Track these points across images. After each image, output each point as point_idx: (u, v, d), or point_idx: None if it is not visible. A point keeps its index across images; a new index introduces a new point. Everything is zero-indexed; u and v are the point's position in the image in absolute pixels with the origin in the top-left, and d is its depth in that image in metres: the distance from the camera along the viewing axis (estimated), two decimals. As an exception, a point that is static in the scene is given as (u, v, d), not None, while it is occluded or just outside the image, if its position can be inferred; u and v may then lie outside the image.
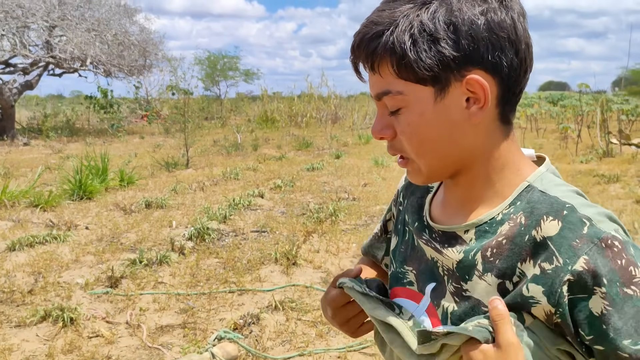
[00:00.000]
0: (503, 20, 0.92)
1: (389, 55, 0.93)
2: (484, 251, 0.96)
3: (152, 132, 21.53)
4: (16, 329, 4.17)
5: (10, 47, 19.14)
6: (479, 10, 0.91)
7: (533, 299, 0.89)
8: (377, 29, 0.93)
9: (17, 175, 10.68)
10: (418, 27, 0.91)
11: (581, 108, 15.83)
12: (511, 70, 0.93)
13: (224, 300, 4.72)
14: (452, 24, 0.90)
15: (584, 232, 0.87)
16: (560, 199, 0.93)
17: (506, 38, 0.92)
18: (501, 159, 1.00)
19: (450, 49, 0.90)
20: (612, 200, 8.07)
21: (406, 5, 0.93)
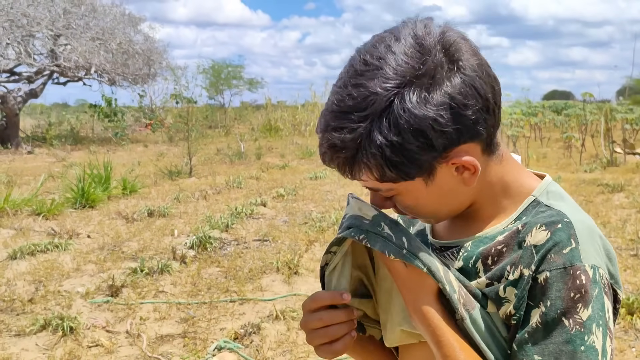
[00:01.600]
0: (465, 94, 0.89)
1: (367, 173, 0.93)
2: (484, 259, 0.98)
3: (155, 141, 21.56)
4: (16, 337, 4.15)
5: (15, 55, 19.23)
6: (443, 101, 0.87)
7: (505, 299, 0.93)
8: (345, 154, 0.91)
9: (20, 184, 10.70)
10: (389, 147, 0.88)
11: (585, 117, 15.80)
12: (488, 127, 0.93)
13: (224, 310, 4.70)
14: (419, 132, 0.87)
15: (564, 251, 0.89)
16: (563, 213, 0.94)
17: (475, 107, 0.90)
18: (501, 182, 1.02)
19: (428, 153, 0.90)
20: (616, 209, 8.03)
21: (365, 120, 0.88)
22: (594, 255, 0.90)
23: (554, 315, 0.88)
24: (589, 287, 0.87)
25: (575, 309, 0.87)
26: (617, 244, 6.24)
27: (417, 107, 0.86)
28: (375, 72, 0.88)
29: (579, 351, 0.86)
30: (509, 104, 24.20)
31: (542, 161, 13.89)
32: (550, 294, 0.88)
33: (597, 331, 0.87)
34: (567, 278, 0.88)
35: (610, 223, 7.16)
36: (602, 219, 7.37)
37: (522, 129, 14.99)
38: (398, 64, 0.87)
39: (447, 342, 0.92)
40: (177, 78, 24.21)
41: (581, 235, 0.90)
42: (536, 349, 0.89)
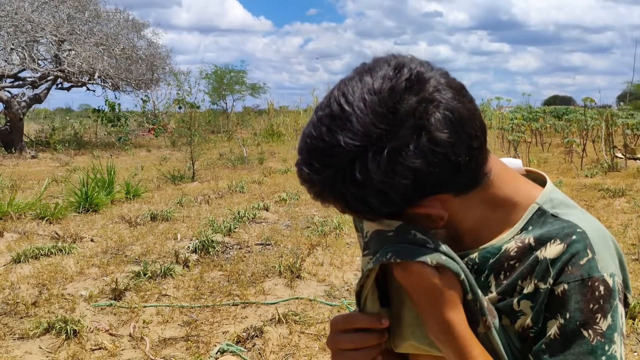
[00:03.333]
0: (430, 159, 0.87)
1: (336, 207, 0.95)
2: (497, 273, 0.99)
3: (158, 145, 21.61)
4: (19, 341, 4.18)
5: (19, 61, 19.32)
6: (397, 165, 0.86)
7: (520, 312, 0.94)
8: (314, 189, 0.93)
9: (24, 188, 10.74)
10: (350, 196, 0.90)
11: (586, 122, 15.82)
12: (457, 182, 0.92)
13: (227, 313, 4.73)
14: (378, 191, 0.88)
15: (581, 262, 0.90)
16: (574, 223, 0.94)
17: (440, 171, 0.88)
18: (494, 202, 1.00)
19: (388, 207, 0.91)
20: (617, 214, 8.05)
21: (329, 168, 0.88)
22: (610, 263, 0.92)
23: (573, 327, 0.89)
24: (608, 298, 0.89)
25: (595, 319, 0.88)
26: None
27: (376, 171, 0.86)
28: (346, 123, 0.86)
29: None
30: (509, 109, 24.23)
31: (543, 166, 13.89)
32: (570, 306, 0.89)
33: (618, 340, 0.89)
34: (585, 290, 0.89)
35: (612, 228, 7.17)
36: (604, 224, 7.24)
37: (523, 134, 15.01)
38: (365, 123, 0.85)
39: (473, 355, 0.91)
40: (180, 83, 24.35)
41: (596, 245, 0.91)
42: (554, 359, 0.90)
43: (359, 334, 0.99)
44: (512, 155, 14.80)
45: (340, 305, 4.81)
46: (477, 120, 0.92)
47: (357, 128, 0.85)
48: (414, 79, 0.87)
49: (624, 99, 22.16)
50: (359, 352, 0.98)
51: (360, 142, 0.85)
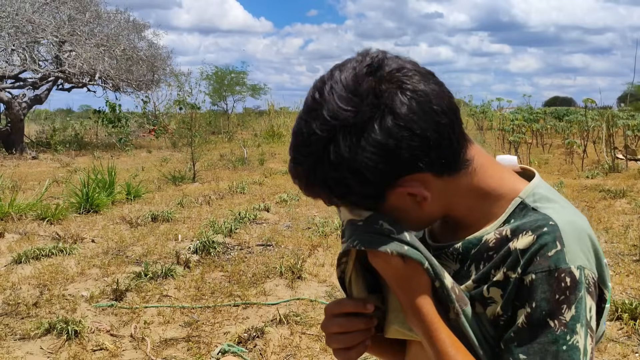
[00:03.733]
0: (397, 135, 0.92)
1: (322, 199, 1.01)
2: (477, 263, 1.02)
3: (159, 146, 21.62)
4: (20, 341, 4.18)
5: (20, 61, 19.34)
6: (373, 140, 0.91)
7: (491, 300, 0.97)
8: (301, 180, 1.00)
9: (25, 189, 10.75)
10: (330, 180, 0.95)
11: (587, 123, 15.81)
12: (430, 160, 0.95)
13: (228, 314, 4.73)
14: (353, 169, 0.93)
15: (549, 254, 0.92)
16: (549, 216, 0.96)
17: (408, 147, 0.92)
18: (478, 192, 1.03)
19: (366, 187, 0.95)
20: (618, 215, 8.04)
21: (309, 156, 0.95)
22: (580, 256, 0.93)
23: (539, 317, 0.91)
24: (573, 289, 0.91)
25: (560, 310, 0.90)
26: (620, 249, 6.26)
27: (348, 151, 0.92)
28: (318, 112, 0.94)
29: (562, 350, 0.90)
30: (510, 110, 24.22)
31: (544, 167, 13.89)
32: (536, 295, 0.91)
33: (581, 331, 0.90)
34: (552, 280, 0.91)
35: (613, 229, 7.17)
36: (605, 225, 7.38)
37: (524, 135, 15.01)
38: (335, 109, 0.92)
39: (440, 338, 0.96)
40: (181, 84, 24.26)
41: (567, 237, 0.93)
42: (522, 349, 0.92)
43: (348, 318, 1.04)
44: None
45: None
46: (444, 99, 0.96)
47: (327, 115, 0.92)
48: (374, 64, 0.95)
49: (625, 100, 22.16)
50: (347, 335, 1.04)
51: (330, 126, 0.92)
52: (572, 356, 0.90)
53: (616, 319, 4.44)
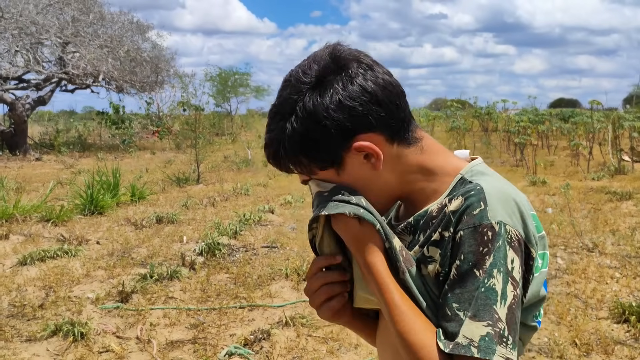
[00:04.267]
0: (352, 91, 1.10)
1: (292, 163, 1.16)
2: (423, 231, 1.14)
3: (163, 148, 21.63)
4: (27, 343, 4.17)
5: (24, 63, 19.38)
6: (333, 97, 1.10)
7: (431, 258, 1.09)
8: (272, 148, 1.17)
9: (29, 190, 10.75)
10: (298, 137, 1.11)
11: (593, 125, 15.77)
12: (382, 119, 1.12)
13: (234, 316, 4.71)
14: (317, 120, 1.10)
15: (474, 212, 1.04)
16: (478, 183, 1.09)
17: (363, 102, 1.11)
18: (426, 169, 1.18)
19: (328, 138, 1.10)
20: (624, 217, 8.01)
21: (281, 120, 1.13)
22: (501, 213, 1.04)
23: (467, 267, 1.02)
24: (494, 240, 1.02)
25: (484, 260, 1.01)
26: (627, 252, 6.23)
27: (312, 104, 1.10)
28: (288, 84, 1.15)
29: (480, 292, 1.00)
30: (515, 112, 24.15)
31: (550, 169, 13.85)
32: (464, 249, 1.03)
33: (498, 276, 1.01)
34: (476, 235, 1.03)
35: (619, 231, 7.14)
36: (611, 227, 7.35)
37: (530, 137, 14.96)
38: (300, 78, 1.12)
39: (388, 289, 1.08)
40: (185, 85, 24.29)
41: (490, 198, 1.05)
42: (454, 298, 1.03)
43: (324, 272, 1.20)
44: (518, 159, 14.78)
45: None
46: (391, 78, 1.16)
47: (295, 82, 1.13)
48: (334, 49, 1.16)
49: (630, 102, 22.09)
50: (326, 287, 1.19)
51: (298, 89, 1.11)
52: (488, 296, 1.00)
53: (623, 322, 4.41)
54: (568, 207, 8.31)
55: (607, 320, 4.51)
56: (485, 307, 0.99)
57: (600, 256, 6.11)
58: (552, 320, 4.53)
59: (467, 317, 1.00)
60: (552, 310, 4.70)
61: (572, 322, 4.44)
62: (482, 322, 0.99)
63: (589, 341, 4.11)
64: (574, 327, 4.34)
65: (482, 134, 22.56)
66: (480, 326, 0.99)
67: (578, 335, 4.19)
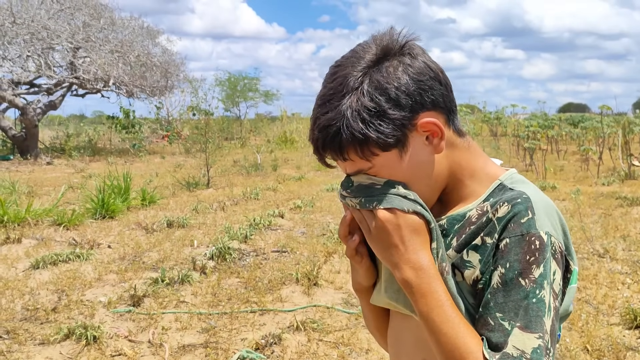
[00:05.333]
0: (419, 67, 1.09)
1: (353, 145, 1.08)
2: (459, 236, 1.12)
3: (173, 152, 21.72)
4: (40, 346, 4.20)
5: (35, 68, 19.49)
6: (400, 70, 1.07)
7: (469, 263, 1.08)
8: (332, 130, 1.08)
9: (41, 194, 10.81)
10: (365, 111, 1.06)
11: (602, 130, 15.72)
12: (444, 97, 1.11)
13: (245, 320, 4.73)
14: (386, 93, 1.06)
15: (522, 221, 1.03)
16: (523, 191, 1.08)
17: (428, 78, 1.09)
18: (469, 167, 1.17)
19: (397, 112, 1.06)
20: (635, 222, 7.98)
21: (343, 98, 1.07)
22: (548, 224, 1.03)
23: (512, 276, 1.01)
24: (541, 251, 1.01)
25: (530, 269, 1.00)
26: (637, 257, 6.21)
27: (381, 78, 1.07)
28: (346, 65, 1.10)
29: (532, 303, 0.99)
30: (524, 117, 24.09)
31: (560, 174, 13.82)
32: (509, 257, 1.02)
33: (547, 287, 1.00)
34: (523, 243, 1.01)
35: (630, 236, 7.11)
36: (622, 233, 7.32)
37: (539, 142, 14.93)
38: (362, 56, 1.10)
39: (434, 289, 1.06)
40: (194, 90, 24.40)
41: (537, 208, 1.04)
42: (497, 307, 1.01)
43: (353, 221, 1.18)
44: (527, 163, 14.74)
45: (357, 313, 4.78)
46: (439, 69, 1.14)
47: (358, 62, 1.09)
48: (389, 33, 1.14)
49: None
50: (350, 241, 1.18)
51: (363, 67, 1.08)
52: (540, 307, 0.99)
53: (635, 328, 4.40)
54: (578, 213, 8.29)
55: (618, 326, 4.50)
56: (537, 319, 0.98)
57: (611, 262, 6.10)
58: (564, 326, 4.52)
59: (516, 327, 0.98)
60: (563, 315, 4.69)
61: (584, 328, 4.44)
62: (535, 334, 0.98)
63: (600, 347, 4.10)
64: (585, 333, 4.34)
65: (491, 139, 22.53)
66: (532, 338, 0.98)
67: (589, 341, 4.18)
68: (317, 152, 1.13)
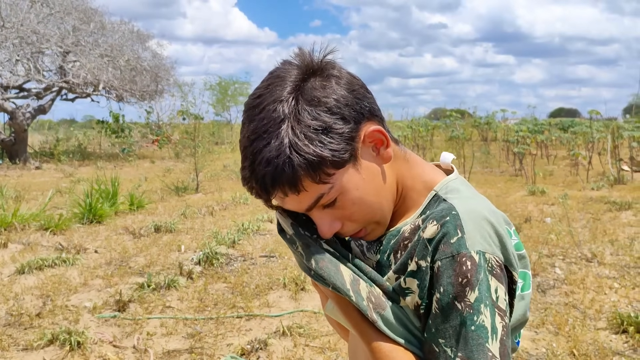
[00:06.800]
0: (347, 78, 1.06)
1: (307, 171, 1.00)
2: (395, 252, 1.10)
3: (162, 157, 21.64)
4: (23, 352, 4.15)
5: (24, 72, 19.41)
6: (333, 83, 1.03)
7: (409, 290, 1.04)
8: (281, 160, 0.99)
9: (29, 199, 10.74)
10: (311, 131, 0.99)
11: (592, 135, 15.79)
12: (373, 105, 1.09)
13: (231, 325, 4.69)
14: (327, 108, 1.01)
15: (452, 241, 0.98)
16: (453, 205, 1.03)
17: (359, 87, 1.07)
18: (410, 176, 1.15)
19: (343, 125, 1.02)
20: (624, 227, 8.00)
21: (282, 123, 1.00)
22: (479, 241, 0.98)
23: (447, 300, 0.96)
24: (474, 272, 0.96)
25: (464, 292, 0.95)
26: (625, 262, 6.22)
27: (317, 94, 1.02)
28: (269, 92, 1.03)
29: (470, 331, 0.94)
30: (515, 122, 24.17)
31: (549, 179, 13.85)
32: (443, 280, 0.97)
33: (485, 311, 0.95)
34: (455, 265, 0.96)
35: (618, 241, 7.13)
36: (610, 237, 7.34)
37: (529, 147, 14.98)
38: (287, 80, 1.04)
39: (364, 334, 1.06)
40: (184, 94, 24.37)
41: (467, 225, 0.99)
42: (439, 333, 0.97)
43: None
44: (517, 168, 14.78)
45: (345, 318, 4.75)
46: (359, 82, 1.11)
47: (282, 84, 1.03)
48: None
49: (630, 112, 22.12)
50: None
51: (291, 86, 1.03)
52: (480, 334, 0.94)
53: (622, 332, 4.40)
54: (567, 217, 8.31)
55: (605, 330, 4.49)
56: (478, 347, 0.94)
57: (599, 266, 6.10)
58: (550, 330, 4.52)
59: (458, 357, 0.95)
60: (550, 320, 4.69)
61: (570, 333, 4.43)
62: None
63: (587, 352, 4.09)
64: (572, 338, 4.33)
65: (482, 144, 22.59)
66: None
67: (576, 345, 4.18)
68: (263, 192, 1.03)
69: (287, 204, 1.07)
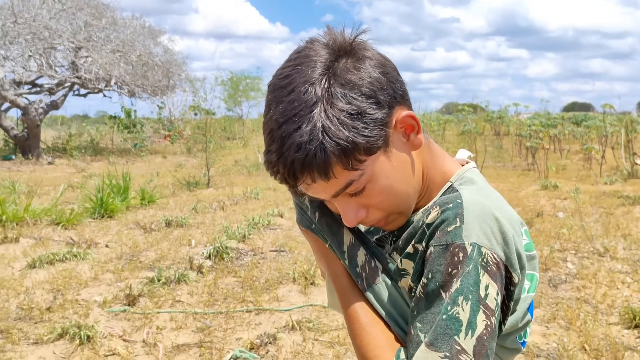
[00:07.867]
0: (380, 60, 1.02)
1: (339, 157, 0.95)
2: (404, 239, 1.08)
3: (174, 152, 21.70)
4: (33, 346, 4.17)
5: (37, 67, 19.49)
6: (367, 65, 0.99)
7: (404, 271, 1.04)
8: (313, 145, 0.94)
9: (40, 194, 10.80)
10: (345, 115, 0.94)
11: (605, 129, 15.65)
12: (404, 90, 1.05)
13: (241, 320, 4.69)
14: (362, 91, 0.96)
15: (449, 229, 0.95)
16: (460, 194, 1.00)
17: (392, 70, 1.03)
18: (433, 166, 1.12)
19: (378, 110, 0.97)
20: (637, 222, 7.92)
21: (314, 106, 0.94)
22: (477, 234, 0.94)
23: (433, 287, 0.94)
24: (463, 263, 0.92)
25: (451, 282, 0.92)
26: (638, 256, 6.16)
27: (351, 76, 0.96)
28: (298, 73, 0.98)
29: (441, 320, 0.91)
30: (527, 116, 24.02)
31: (562, 173, 13.75)
32: (432, 267, 0.95)
33: (464, 304, 0.91)
34: (447, 254, 0.93)
35: (631, 235, 7.06)
36: (623, 232, 7.27)
37: (542, 141, 14.87)
38: (317, 61, 0.98)
39: (347, 302, 1.08)
40: (196, 90, 24.43)
41: (469, 216, 0.95)
42: (419, 317, 0.95)
43: None
44: (529, 162, 14.68)
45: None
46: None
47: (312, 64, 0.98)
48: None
49: (643, 105, 21.89)
50: None
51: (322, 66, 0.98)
52: (449, 325, 0.90)
53: (634, 327, 4.36)
54: (579, 212, 8.24)
55: (617, 325, 4.45)
56: (444, 337, 0.90)
57: (611, 261, 6.05)
58: (562, 325, 4.48)
59: (424, 342, 0.92)
60: (561, 315, 4.65)
61: (582, 328, 4.39)
62: (439, 353, 0.90)
63: (598, 347, 4.05)
64: (583, 333, 4.29)
65: (494, 138, 22.47)
66: (436, 357, 0.90)
67: (588, 340, 4.14)
68: (290, 178, 0.98)
69: (312, 190, 1.01)
